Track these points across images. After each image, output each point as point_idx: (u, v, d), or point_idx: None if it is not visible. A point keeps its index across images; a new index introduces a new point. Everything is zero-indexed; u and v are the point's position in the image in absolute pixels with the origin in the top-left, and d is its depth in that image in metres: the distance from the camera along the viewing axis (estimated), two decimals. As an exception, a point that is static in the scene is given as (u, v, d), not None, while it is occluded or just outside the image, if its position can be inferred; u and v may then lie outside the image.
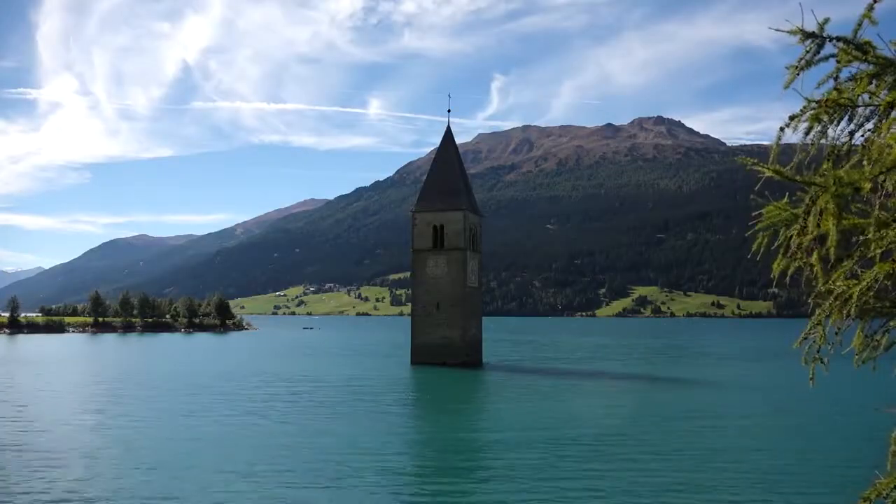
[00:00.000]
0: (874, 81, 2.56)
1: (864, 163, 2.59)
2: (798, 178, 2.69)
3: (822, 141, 2.70)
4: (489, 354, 61.18)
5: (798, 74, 2.69)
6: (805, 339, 2.75)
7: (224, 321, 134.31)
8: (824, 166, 2.70)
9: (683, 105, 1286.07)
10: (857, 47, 2.61)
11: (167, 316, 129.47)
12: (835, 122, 2.68)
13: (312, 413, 28.67)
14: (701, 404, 32.13)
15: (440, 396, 37.42)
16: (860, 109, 2.63)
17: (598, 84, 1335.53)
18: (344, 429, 24.97)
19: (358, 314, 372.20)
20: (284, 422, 26.46)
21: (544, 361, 61.15)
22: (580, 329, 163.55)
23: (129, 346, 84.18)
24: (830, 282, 2.66)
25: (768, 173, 2.75)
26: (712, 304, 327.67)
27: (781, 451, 21.28)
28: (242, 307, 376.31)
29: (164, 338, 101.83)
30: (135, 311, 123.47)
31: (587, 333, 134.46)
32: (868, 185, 2.56)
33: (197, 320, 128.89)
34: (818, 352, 2.71)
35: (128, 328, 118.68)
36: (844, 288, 2.59)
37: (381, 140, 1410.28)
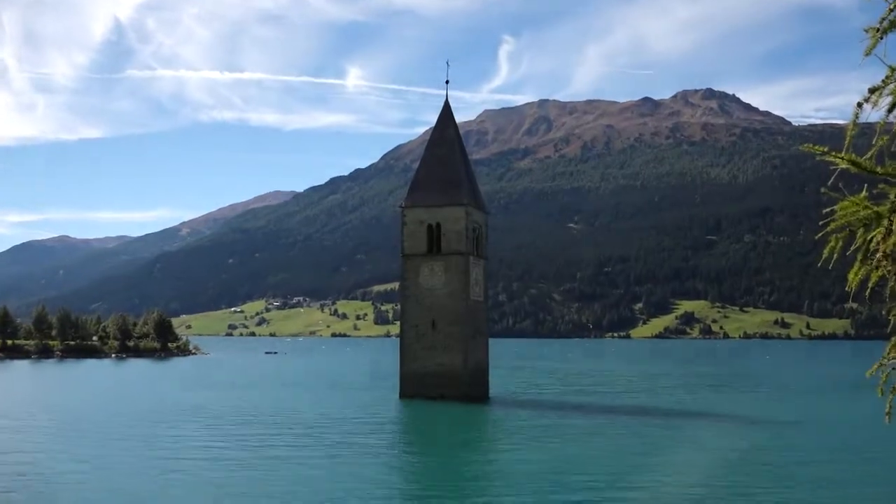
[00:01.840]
0: None
1: None
2: (879, 169, 2.60)
3: None
4: (497, 386, 61.14)
5: (880, 38, 2.63)
6: (882, 365, 2.72)
7: (165, 344, 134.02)
8: None
9: (738, 75, 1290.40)
10: None
11: (94, 338, 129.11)
12: None
13: (268, 464, 28.46)
14: (777, 448, 32.01)
15: (435, 440, 37.26)
16: None
17: (632, 49, 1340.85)
18: (308, 483, 24.77)
19: (333, 335, 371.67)
20: (229, 475, 26.23)
21: (568, 395, 61.13)
22: (613, 353, 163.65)
23: (42, 376, 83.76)
24: None
25: (843, 164, 2.68)
26: (775, 322, 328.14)
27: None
28: (189, 327, 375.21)
29: (90, 365, 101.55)
30: (53, 332, 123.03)
31: (622, 359, 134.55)
32: None
33: (131, 343, 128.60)
34: None
35: (44, 353, 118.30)
36: None
37: (362, 118, 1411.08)
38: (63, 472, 26.30)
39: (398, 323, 55.68)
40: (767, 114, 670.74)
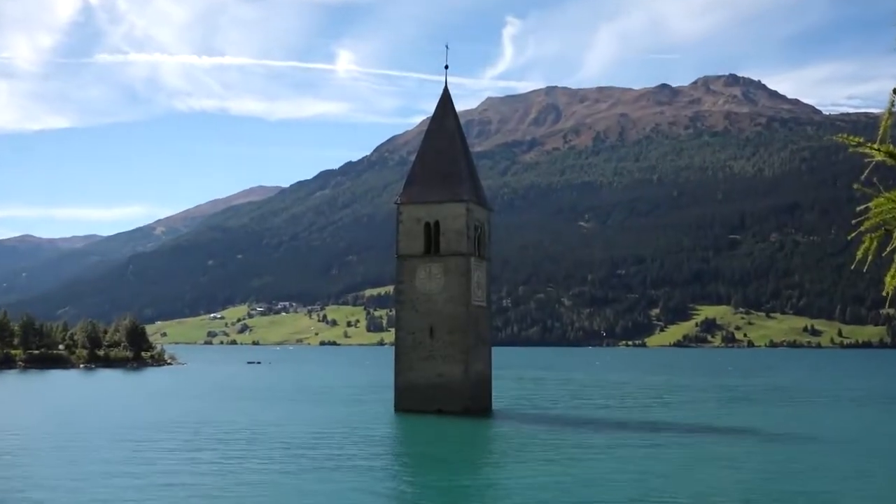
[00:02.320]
0: None
1: None
2: None
3: None
4: (501, 399, 61.22)
5: None
6: None
7: (138, 353, 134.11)
8: None
9: (764, 60, 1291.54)
10: None
11: (60, 346, 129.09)
12: None
13: (249, 487, 28.40)
14: (813, 470, 31.94)
15: (433, 458, 37.22)
16: None
17: (649, 31, 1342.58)
18: None
19: (322, 343, 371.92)
20: (206, 501, 26.10)
21: (580, 409, 61.20)
22: (630, 363, 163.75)
23: (1, 389, 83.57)
24: None
25: (878, 157, 2.68)
26: (804, 329, 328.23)
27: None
28: (164, 334, 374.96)
29: (55, 376, 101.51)
30: (15, 340, 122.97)
31: (638, 369, 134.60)
32: None
33: (101, 352, 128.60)
34: None
35: (4, 363, 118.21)
36: None
37: (353, 107, 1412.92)
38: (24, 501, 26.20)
39: (393, 330, 55.79)
40: (796, 102, 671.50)
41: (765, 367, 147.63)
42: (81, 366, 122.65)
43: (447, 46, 59.83)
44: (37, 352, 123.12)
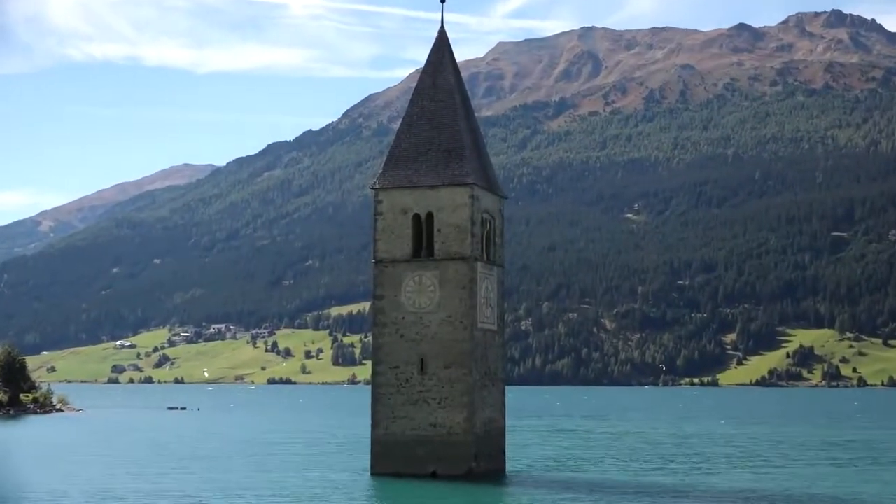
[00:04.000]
0: None
1: None
2: None
3: None
4: (520, 459, 61.15)
5: None
6: None
7: (16, 396, 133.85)
8: None
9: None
10: None
11: None
12: None
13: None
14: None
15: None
16: None
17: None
18: None
19: (271, 381, 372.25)
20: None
21: (631, 473, 61.05)
22: (698, 408, 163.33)
23: None
24: None
25: None
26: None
27: None
28: (52, 369, 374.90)
29: None
30: None
31: (713, 417, 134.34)
32: None
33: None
34: None
35: None
36: None
37: (314, 55, 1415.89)
38: None
39: (369, 364, 55.78)
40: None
41: (891, 413, 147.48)
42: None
43: (444, -28, 59.57)
44: None
